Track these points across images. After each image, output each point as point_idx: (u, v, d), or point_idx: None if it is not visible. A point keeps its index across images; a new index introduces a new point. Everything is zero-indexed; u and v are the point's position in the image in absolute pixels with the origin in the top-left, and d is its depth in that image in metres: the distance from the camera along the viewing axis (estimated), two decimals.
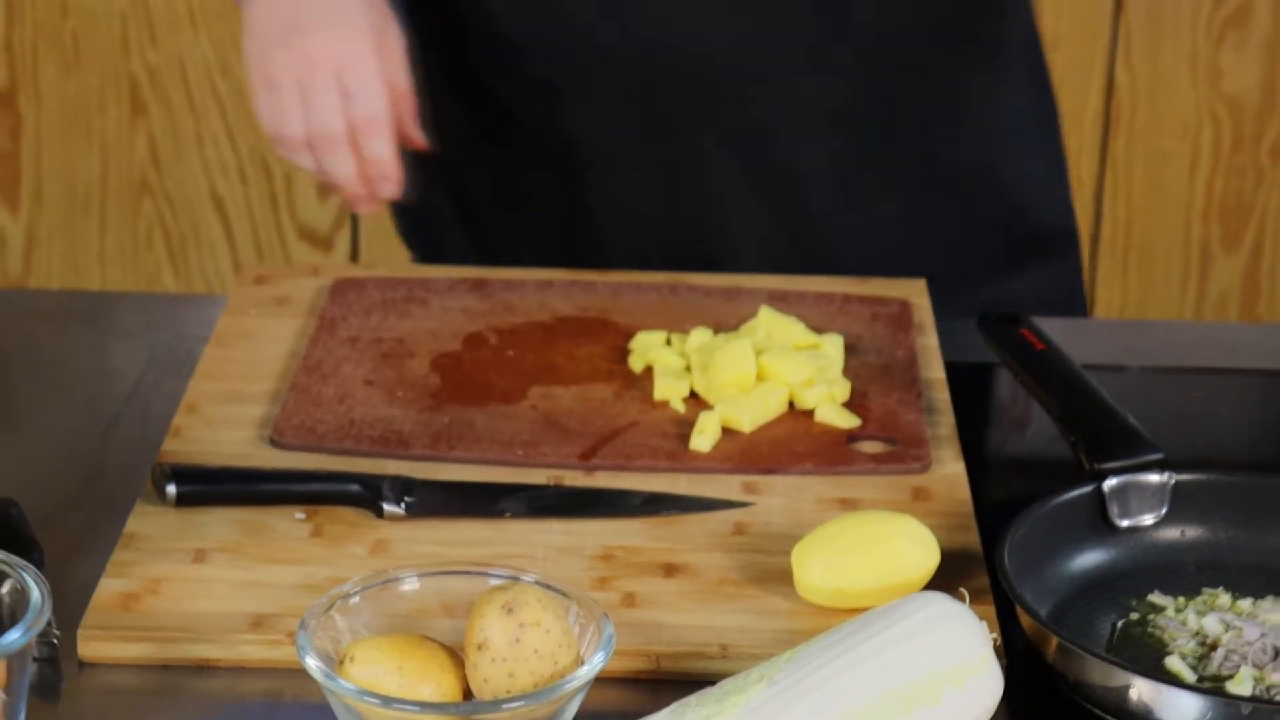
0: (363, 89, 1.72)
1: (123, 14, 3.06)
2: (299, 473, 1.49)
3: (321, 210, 3.15)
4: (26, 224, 3.16)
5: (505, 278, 1.80)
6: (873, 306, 1.76)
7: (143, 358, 1.74)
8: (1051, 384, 1.56)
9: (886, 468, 1.53)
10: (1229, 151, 3.06)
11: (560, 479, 1.51)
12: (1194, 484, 1.44)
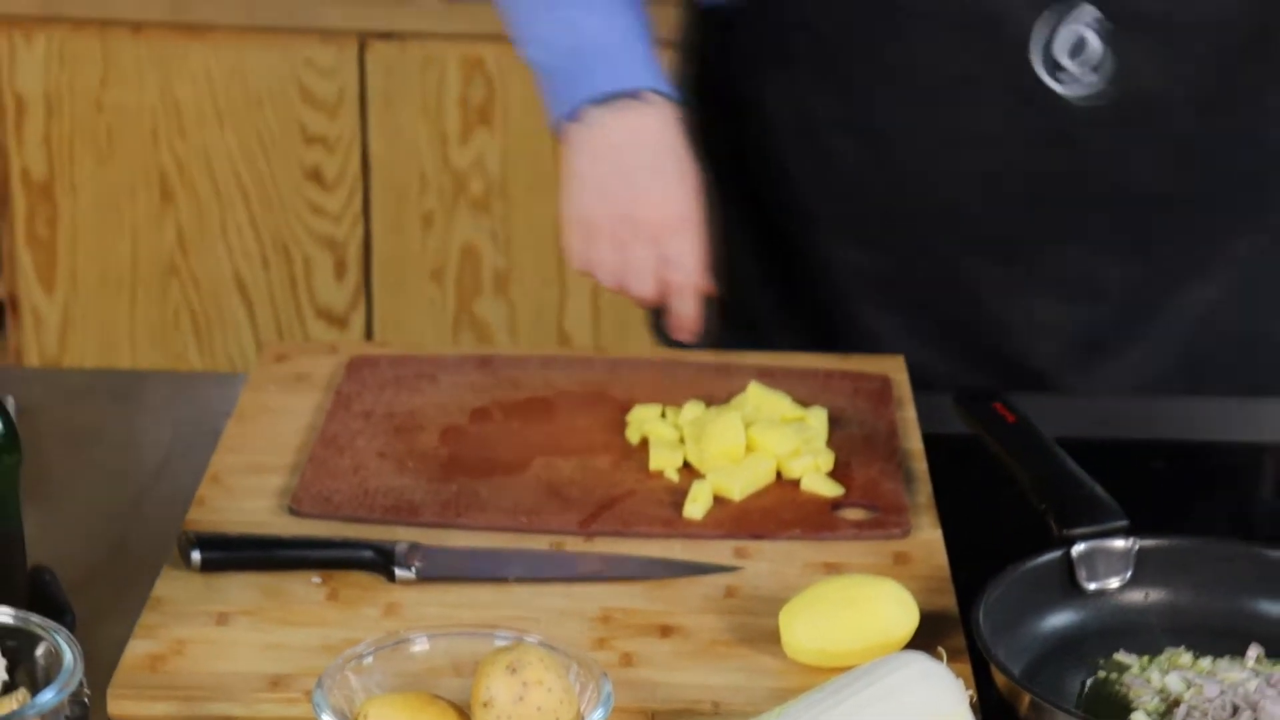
0: (680, 255, 1.75)
1: (153, 110, 3.07)
2: (316, 540, 1.49)
3: (338, 291, 3.15)
4: (62, 305, 3.16)
5: (509, 355, 1.81)
6: (855, 381, 1.76)
7: (169, 432, 1.74)
8: (1022, 454, 1.56)
9: (868, 534, 1.53)
10: None
11: (561, 545, 1.51)
12: (1157, 549, 1.44)
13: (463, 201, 3.11)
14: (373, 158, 3.10)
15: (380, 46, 3.05)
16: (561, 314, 3.14)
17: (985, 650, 1.29)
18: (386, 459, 1.61)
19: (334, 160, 3.10)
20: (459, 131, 3.07)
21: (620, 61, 1.78)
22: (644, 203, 1.76)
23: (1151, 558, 1.43)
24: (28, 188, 3.11)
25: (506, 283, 3.14)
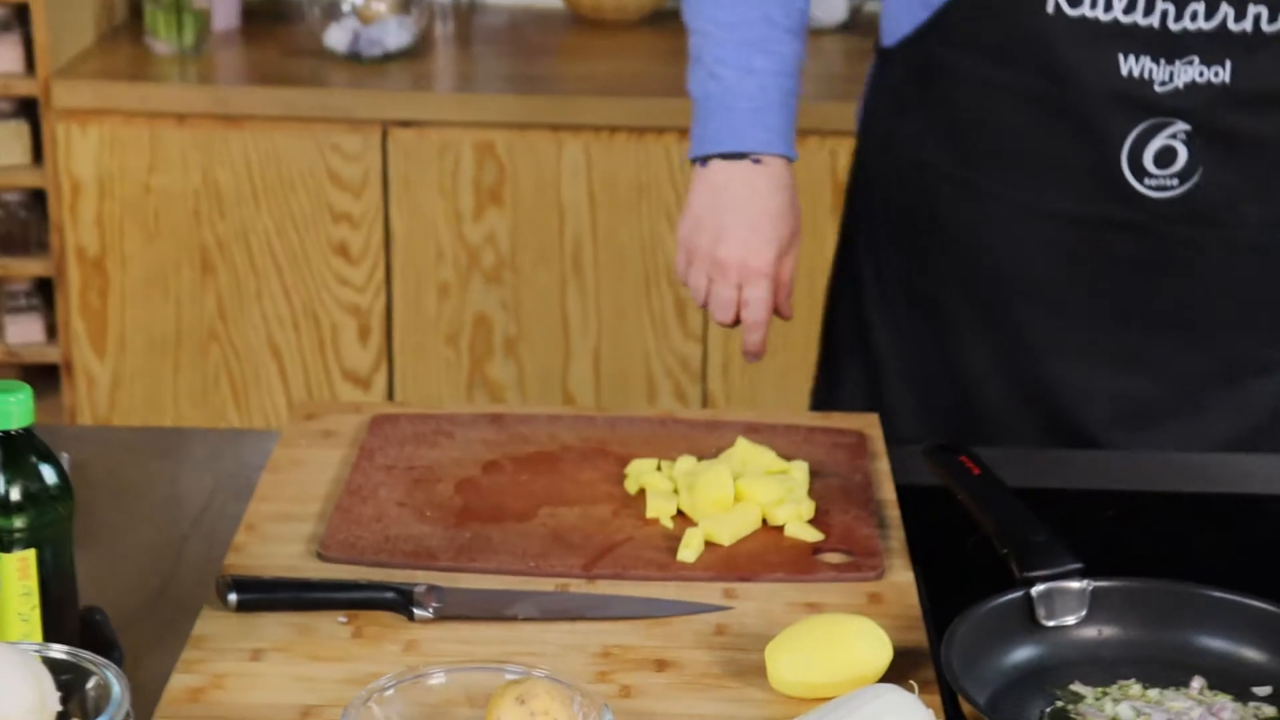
0: (754, 298, 1.83)
1: (196, 192, 3.07)
2: (342, 582, 1.48)
3: (362, 355, 3.15)
4: (112, 368, 3.16)
5: (518, 413, 1.80)
6: (833, 437, 1.76)
7: (209, 484, 1.73)
8: (986, 503, 1.56)
9: (846, 576, 1.52)
10: None
11: (566, 586, 1.50)
12: (1109, 590, 1.44)
13: (475, 273, 3.11)
14: (394, 234, 3.11)
15: (401, 133, 3.06)
16: (565, 376, 3.15)
17: (953, 682, 1.29)
18: (406, 508, 1.61)
19: (359, 236, 3.10)
20: (472, 210, 3.08)
21: (751, 124, 1.83)
22: (728, 249, 1.82)
23: (1104, 597, 1.43)
24: (82, 262, 3.12)
25: (515, 347, 3.14)
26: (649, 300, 3.11)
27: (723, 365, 3.13)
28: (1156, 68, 1.68)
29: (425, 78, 3.19)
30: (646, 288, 3.10)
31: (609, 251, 3.09)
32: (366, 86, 3.10)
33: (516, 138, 3.05)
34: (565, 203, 3.07)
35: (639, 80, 3.15)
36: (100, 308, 3.13)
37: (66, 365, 3.18)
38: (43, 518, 1.36)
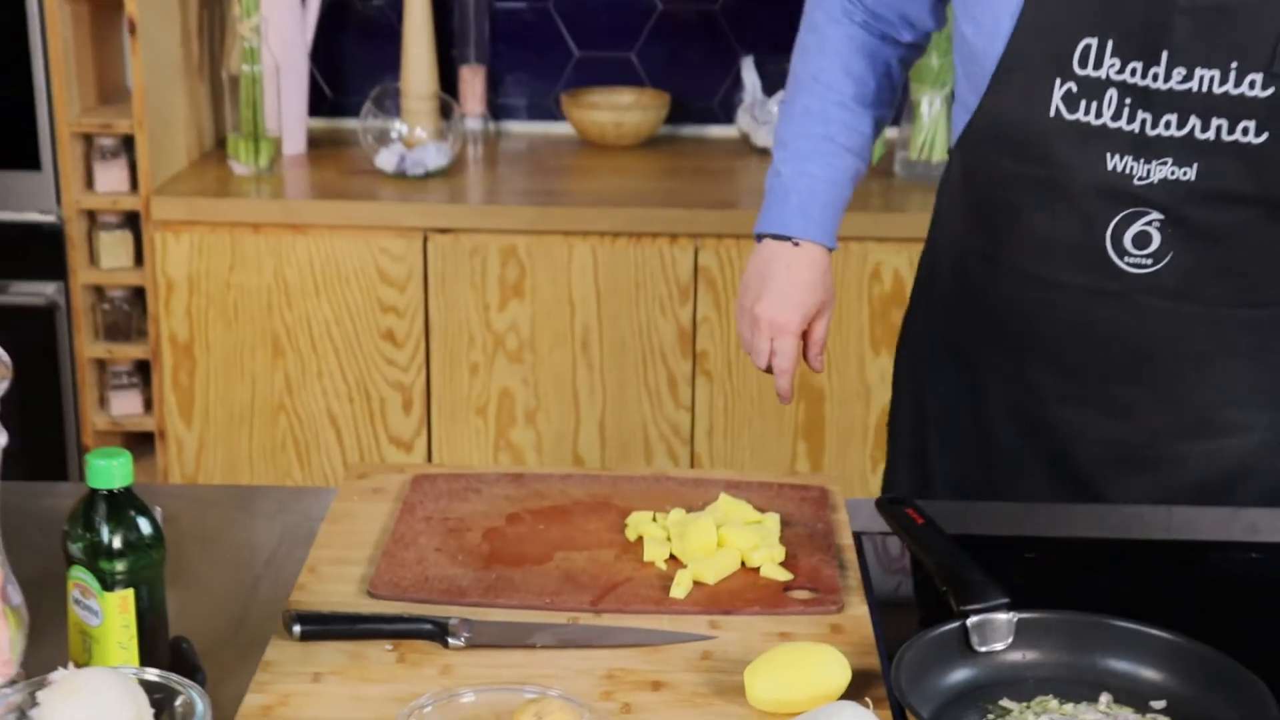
0: (781, 352, 1.89)
1: (268, 287, 3.08)
2: (388, 616, 1.48)
3: (406, 424, 3.15)
4: (198, 435, 3.16)
5: (536, 473, 1.80)
6: (800, 492, 1.75)
7: (277, 533, 1.73)
8: (929, 548, 1.56)
9: (812, 610, 1.52)
10: None
11: (576, 619, 1.50)
12: (1031, 620, 1.43)
13: (500, 354, 3.11)
14: (432, 322, 3.11)
15: (439, 238, 3.06)
16: (576, 441, 3.14)
17: (901, 699, 1.29)
18: (442, 553, 1.61)
19: (403, 324, 3.11)
20: (498, 301, 3.08)
21: (797, 215, 1.90)
22: (763, 308, 1.88)
23: (1027, 627, 1.43)
24: (174, 347, 3.12)
25: (534, 416, 3.14)
26: (646, 377, 3.11)
27: (708, 431, 3.13)
28: (1136, 165, 1.71)
29: (459, 192, 3.20)
30: (644, 366, 3.10)
31: (612, 336, 3.09)
32: (410, 200, 3.11)
33: (535, 242, 3.06)
34: (575, 296, 3.07)
35: (637, 194, 3.16)
36: (188, 384, 3.13)
37: (160, 433, 3.18)
38: (139, 562, 1.36)
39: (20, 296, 3.18)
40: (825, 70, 1.92)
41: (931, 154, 3.22)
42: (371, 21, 3.56)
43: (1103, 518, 1.84)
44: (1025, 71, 1.73)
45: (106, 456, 1.35)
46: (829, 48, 1.93)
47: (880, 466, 3.12)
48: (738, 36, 3.55)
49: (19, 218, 3.16)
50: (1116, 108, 1.69)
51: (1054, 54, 1.70)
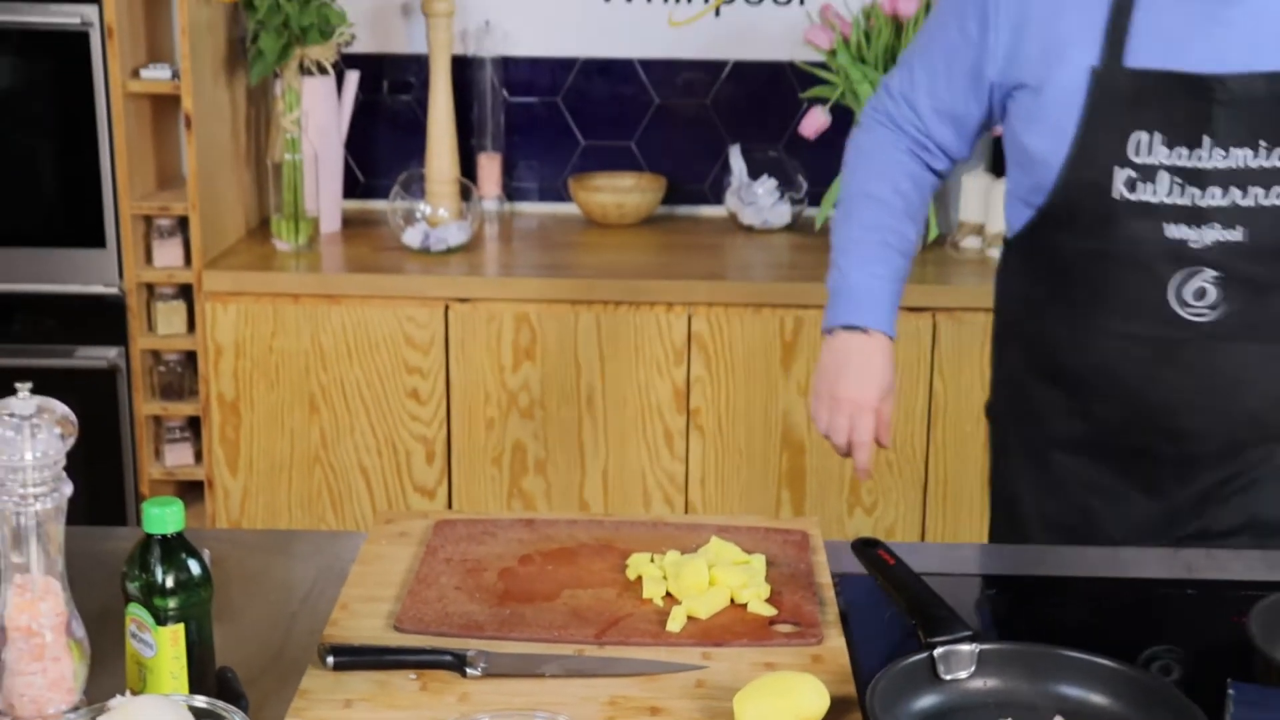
0: (861, 427, 1.92)
1: (305, 352, 3.08)
2: (412, 648, 1.48)
3: (429, 474, 3.14)
4: (242, 485, 3.15)
5: (545, 518, 1.79)
6: (783, 535, 1.75)
7: (313, 573, 1.73)
8: (899, 586, 1.56)
9: (795, 642, 1.51)
10: None
11: (582, 651, 1.49)
12: (991, 651, 1.43)
13: (514, 411, 3.11)
14: (453, 382, 3.11)
15: (459, 307, 3.07)
16: (581, 489, 3.14)
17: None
18: (461, 591, 1.60)
19: (426, 384, 3.11)
20: (511, 364, 3.08)
21: (867, 309, 1.96)
22: (844, 390, 1.93)
23: (988, 657, 1.42)
24: (221, 405, 3.12)
25: (544, 467, 3.13)
26: (644, 431, 3.10)
27: (700, 480, 3.12)
28: (1191, 232, 1.80)
29: (477, 266, 3.21)
30: (642, 422, 3.10)
31: (614, 395, 3.09)
32: (433, 273, 3.11)
33: (545, 310, 3.07)
34: (581, 358, 3.07)
35: (636, 267, 3.17)
36: (234, 439, 3.13)
37: (209, 482, 3.17)
38: (189, 600, 1.36)
39: (85, 360, 3.19)
40: (879, 189, 2.02)
41: None
42: (399, 114, 3.57)
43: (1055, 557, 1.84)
44: (1091, 167, 1.83)
45: (161, 505, 1.35)
46: (881, 171, 2.04)
47: (856, 511, 3.12)
48: (726, 128, 3.56)
49: (85, 290, 3.16)
50: (1169, 186, 1.80)
51: (1113, 149, 1.81)
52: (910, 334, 3.03)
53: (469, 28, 3.50)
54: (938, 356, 3.05)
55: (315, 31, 3.18)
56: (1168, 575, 1.77)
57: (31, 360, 3.15)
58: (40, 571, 1.33)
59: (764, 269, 3.22)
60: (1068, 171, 1.85)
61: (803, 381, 3.05)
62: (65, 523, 1.35)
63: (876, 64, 3.18)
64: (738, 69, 3.54)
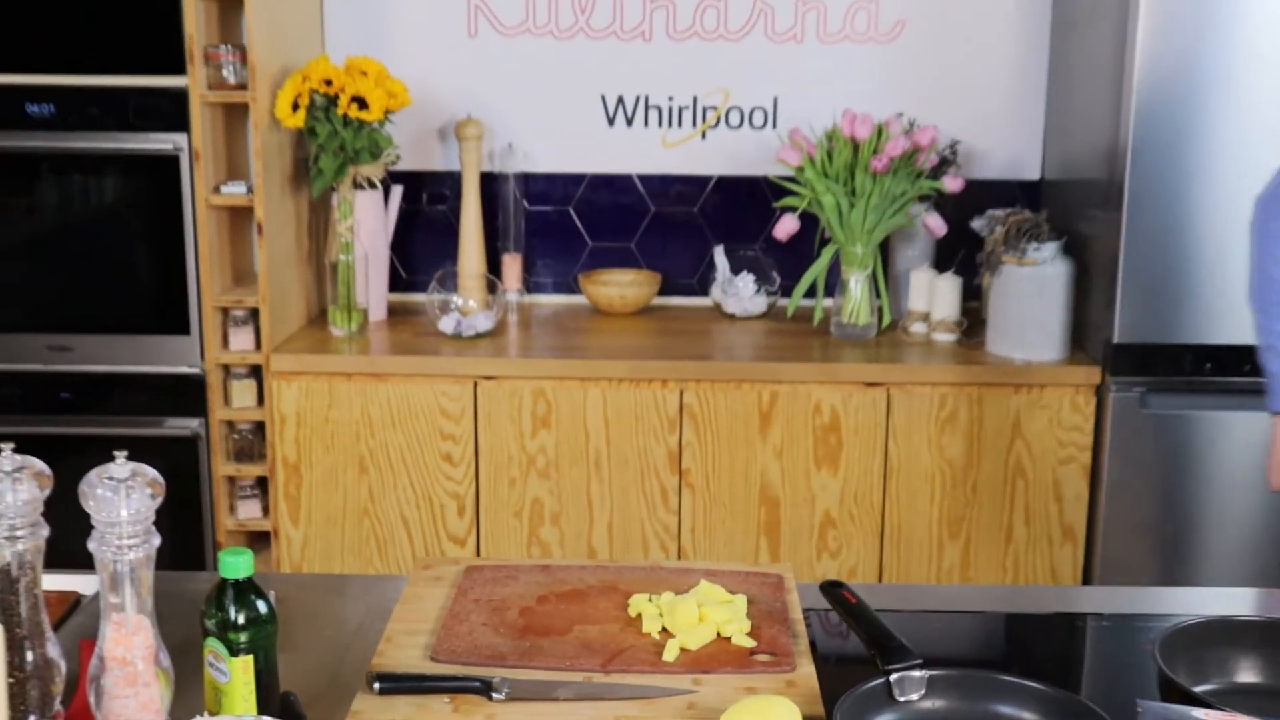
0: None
1: (356, 421, 3.08)
2: (446, 676, 1.47)
3: (460, 525, 3.14)
4: (303, 534, 3.15)
5: (560, 564, 1.79)
6: (762, 578, 1.75)
7: (362, 611, 1.72)
8: (859, 621, 1.56)
9: (772, 670, 1.51)
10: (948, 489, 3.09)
11: (591, 678, 1.49)
12: (939, 676, 1.43)
13: (532, 472, 3.11)
14: (481, 447, 3.11)
15: (485, 384, 3.08)
16: (590, 538, 3.13)
17: None
18: (487, 626, 1.60)
19: (459, 448, 3.11)
20: (530, 431, 3.09)
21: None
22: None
23: (936, 682, 1.42)
24: (285, 466, 3.12)
25: (558, 519, 3.13)
26: (643, 488, 3.10)
27: (691, 530, 3.12)
28: None
29: (501, 349, 3.22)
30: (642, 480, 3.10)
31: (617, 457, 3.09)
32: (464, 355, 3.12)
33: (559, 385, 3.07)
34: (589, 426, 3.08)
35: (636, 350, 3.18)
36: (296, 495, 3.13)
37: (274, 533, 3.17)
38: (258, 634, 1.35)
39: (172, 429, 3.19)
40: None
41: (857, 319, 3.25)
42: (436, 221, 3.60)
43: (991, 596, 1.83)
44: None
45: (234, 554, 1.36)
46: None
47: (823, 556, 3.11)
48: (711, 231, 3.59)
49: (172, 370, 3.17)
50: None
51: None
52: (868, 405, 3.03)
53: (495, 149, 3.53)
54: (891, 424, 3.06)
55: (366, 153, 3.21)
56: (1087, 610, 1.77)
57: (127, 430, 3.15)
58: (134, 610, 1.33)
59: (744, 350, 3.23)
60: None
61: (778, 445, 3.05)
62: (154, 568, 1.35)
63: (837, 178, 3.21)
64: (721, 182, 3.57)
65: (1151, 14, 2.79)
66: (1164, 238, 2.87)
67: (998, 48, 3.46)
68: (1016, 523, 3.10)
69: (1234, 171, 2.83)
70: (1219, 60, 2.80)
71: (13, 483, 1.33)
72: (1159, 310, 2.90)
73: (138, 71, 3.02)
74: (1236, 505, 2.98)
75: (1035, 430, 3.04)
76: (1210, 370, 2.91)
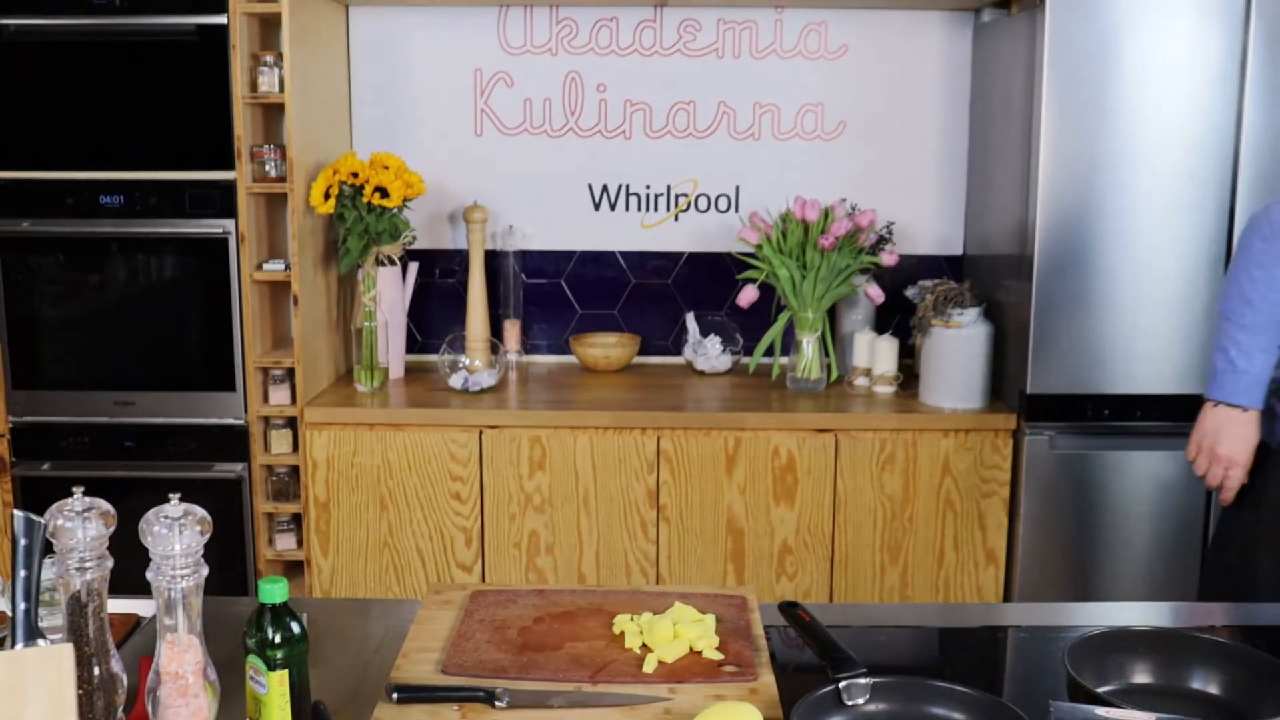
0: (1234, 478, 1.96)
1: (377, 467, 3.07)
2: (455, 686, 1.46)
3: (468, 555, 3.12)
4: (331, 564, 3.12)
5: (553, 589, 1.78)
6: (728, 600, 1.74)
7: (382, 631, 1.71)
8: (812, 636, 1.55)
9: (737, 680, 1.50)
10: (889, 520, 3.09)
11: (581, 688, 1.48)
12: (882, 683, 1.42)
13: (529, 508, 3.10)
14: (485, 487, 3.10)
15: (489, 432, 3.07)
16: (580, 565, 3.11)
17: None
18: (491, 644, 1.59)
19: (466, 488, 3.10)
20: (528, 473, 3.08)
21: (1240, 389, 1.95)
22: (1225, 449, 1.94)
23: (880, 688, 1.41)
24: (316, 505, 3.10)
25: (552, 549, 3.11)
26: (625, 522, 3.09)
27: (668, 558, 3.10)
28: None
29: (503, 402, 3.22)
30: (624, 515, 3.09)
31: (603, 495, 3.08)
32: (471, 408, 3.12)
33: (552, 434, 3.07)
34: (579, 468, 3.07)
35: (619, 402, 3.18)
36: (326, 530, 3.11)
37: (307, 562, 3.14)
38: (292, 652, 1.34)
39: (219, 473, 3.17)
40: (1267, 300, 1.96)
41: (809, 374, 3.26)
42: (446, 292, 3.61)
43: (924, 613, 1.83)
44: None
45: (271, 582, 1.35)
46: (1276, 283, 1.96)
47: (782, 579, 3.10)
48: (683, 300, 3.60)
49: (220, 421, 3.16)
50: None
51: None
52: (819, 449, 3.04)
53: (498, 230, 3.55)
54: (839, 465, 3.06)
55: (387, 235, 3.22)
56: (1008, 623, 1.77)
57: (180, 473, 3.14)
58: (185, 631, 1.32)
59: (712, 402, 3.23)
60: None
61: (742, 484, 3.05)
62: (203, 594, 1.34)
63: (791, 254, 3.23)
64: (691, 258, 3.59)
65: (1052, 114, 2.83)
66: (1068, 303, 2.90)
67: (925, 143, 3.50)
68: (947, 548, 3.10)
69: (1126, 245, 2.86)
70: (1111, 151, 2.84)
71: (83, 521, 1.32)
72: (1065, 365, 2.92)
73: (194, 167, 3.04)
74: (1133, 531, 2.99)
75: (962, 469, 3.05)
76: (1108, 416, 2.93)
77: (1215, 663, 1.49)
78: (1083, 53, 2.80)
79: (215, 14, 2.97)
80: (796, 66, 3.47)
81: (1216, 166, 2.83)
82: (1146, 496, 2.97)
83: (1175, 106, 2.82)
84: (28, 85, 3.03)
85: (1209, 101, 2.81)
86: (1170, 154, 2.83)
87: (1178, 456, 2.94)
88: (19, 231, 3.08)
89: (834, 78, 3.47)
